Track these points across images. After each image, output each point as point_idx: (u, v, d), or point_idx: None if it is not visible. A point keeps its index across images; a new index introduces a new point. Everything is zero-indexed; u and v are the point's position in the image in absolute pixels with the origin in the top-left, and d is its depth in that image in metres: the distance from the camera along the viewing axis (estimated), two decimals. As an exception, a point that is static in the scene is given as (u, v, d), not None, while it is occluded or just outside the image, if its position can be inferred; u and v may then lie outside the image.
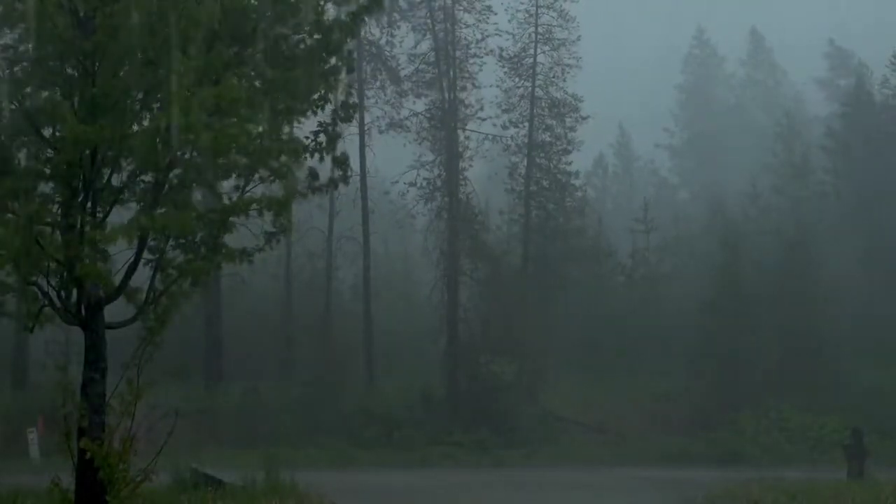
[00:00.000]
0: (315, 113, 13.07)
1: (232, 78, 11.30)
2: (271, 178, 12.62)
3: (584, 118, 43.70)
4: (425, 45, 42.24)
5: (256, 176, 12.67)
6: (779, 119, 57.31)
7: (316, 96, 12.76)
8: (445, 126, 41.64)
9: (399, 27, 41.83)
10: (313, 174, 13.09)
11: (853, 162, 51.08)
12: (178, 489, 18.18)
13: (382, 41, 41.84)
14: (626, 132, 70.19)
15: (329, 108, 13.18)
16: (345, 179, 13.49)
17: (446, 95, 41.81)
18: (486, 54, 42.44)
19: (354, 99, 13.68)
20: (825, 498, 19.91)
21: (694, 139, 70.68)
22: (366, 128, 41.10)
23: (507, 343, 40.42)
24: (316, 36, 12.59)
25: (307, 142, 13.02)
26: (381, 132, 41.77)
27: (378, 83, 41.51)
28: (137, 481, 12.61)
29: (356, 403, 38.63)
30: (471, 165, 42.71)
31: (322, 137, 13.09)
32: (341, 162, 13.34)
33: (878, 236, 46.46)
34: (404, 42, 42.26)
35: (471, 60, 42.25)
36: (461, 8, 42.15)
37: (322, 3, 12.54)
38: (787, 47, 71.47)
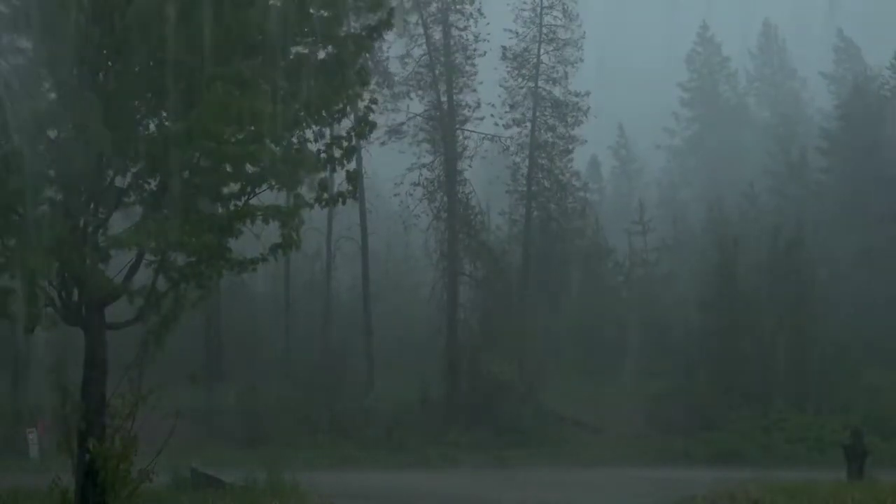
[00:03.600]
0: (330, 127, 13.03)
1: (263, 88, 11.26)
2: (279, 188, 12.58)
3: (586, 112, 43.45)
4: (419, 49, 42.20)
5: (264, 185, 12.62)
6: (782, 117, 57.34)
7: (334, 110, 12.71)
8: (443, 127, 41.60)
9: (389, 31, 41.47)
10: (323, 185, 13.03)
11: (849, 162, 51.10)
12: (179, 489, 18.18)
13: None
14: (626, 133, 70.02)
15: (346, 122, 13.13)
16: (353, 194, 13.43)
17: (443, 97, 41.76)
18: (482, 56, 42.25)
19: (373, 116, 13.55)
20: (824, 498, 19.86)
21: (696, 138, 70.50)
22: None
23: (506, 343, 40.43)
24: (329, 48, 12.54)
25: (320, 154, 12.94)
26: (382, 144, 41.45)
27: (372, 86, 41.38)
28: (137, 481, 12.60)
29: (356, 404, 38.66)
30: (470, 166, 42.68)
31: (335, 151, 13.02)
32: (353, 177, 13.32)
33: (877, 236, 46.46)
34: (393, 47, 42.10)
35: (467, 62, 42.18)
36: (457, 12, 42.02)
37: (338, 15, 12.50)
38: (795, 44, 71.32)
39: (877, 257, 45.94)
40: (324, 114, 12.61)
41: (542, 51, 43.68)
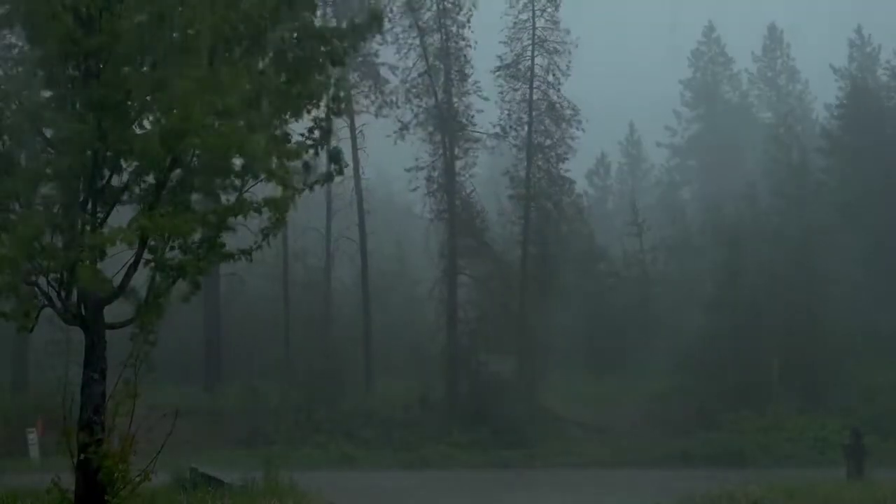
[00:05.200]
0: (309, 112, 13.08)
1: (243, 79, 11.29)
2: (269, 179, 12.62)
3: (579, 122, 43.46)
4: (417, 51, 42.27)
5: (256, 179, 12.68)
6: (783, 119, 57.20)
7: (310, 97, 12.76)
8: (442, 128, 41.64)
9: (386, 38, 41.77)
10: (307, 167, 13.08)
11: (849, 162, 51.10)
12: (178, 489, 18.22)
13: (371, 49, 41.96)
14: (636, 130, 70.00)
15: (322, 104, 13.16)
16: (340, 171, 13.49)
17: (441, 98, 41.78)
18: (473, 59, 42.35)
19: (342, 91, 13.58)
20: (824, 498, 19.94)
21: (697, 137, 70.44)
22: (358, 130, 41.36)
23: (506, 343, 40.44)
24: (322, 48, 12.58)
25: (302, 139, 13.01)
26: (376, 116, 41.44)
27: (366, 90, 41.56)
28: (137, 481, 12.61)
29: (355, 403, 38.69)
30: (474, 164, 42.76)
31: (316, 133, 13.10)
32: (335, 156, 13.37)
33: (877, 236, 46.46)
34: (388, 52, 42.29)
35: (466, 64, 42.25)
36: (451, 20, 42.14)
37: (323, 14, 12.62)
38: (798, 45, 71.21)
39: (877, 257, 45.93)
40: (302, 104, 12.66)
41: (535, 54, 43.69)
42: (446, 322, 40.91)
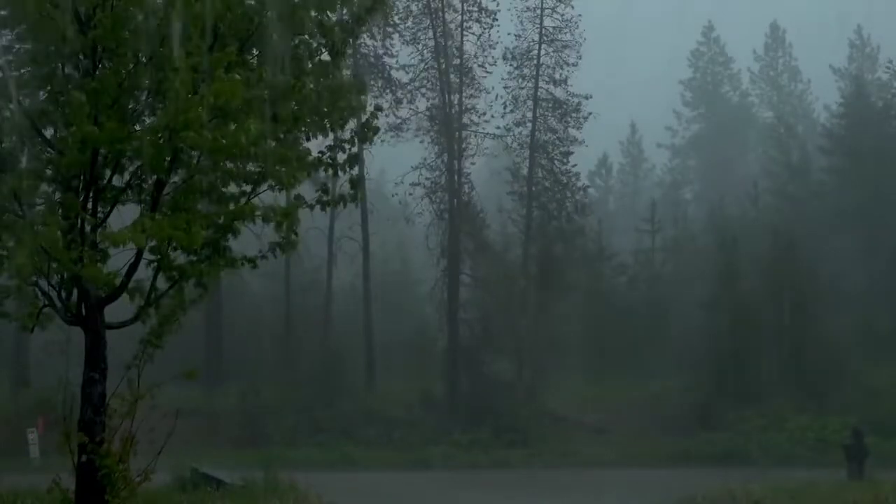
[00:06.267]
0: (334, 130, 12.97)
1: (234, 76, 11.20)
2: (278, 187, 12.54)
3: (586, 116, 43.55)
4: (427, 52, 42.39)
5: (265, 184, 12.59)
6: (785, 118, 57.27)
7: (336, 114, 12.64)
8: (446, 127, 41.72)
9: (394, 37, 41.98)
10: (324, 189, 13.02)
11: (851, 161, 51.13)
12: (179, 489, 18.22)
13: (380, 51, 42.11)
14: (638, 130, 70.06)
15: (349, 127, 13.07)
16: (354, 198, 13.41)
17: (447, 98, 41.88)
18: (492, 64, 42.67)
19: (377, 122, 13.46)
20: (825, 498, 19.93)
21: (697, 137, 70.47)
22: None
23: (507, 343, 40.44)
24: (319, 39, 12.50)
25: (321, 156, 12.91)
26: (382, 141, 41.62)
27: (375, 91, 41.68)
28: (137, 481, 12.58)
29: (356, 403, 38.68)
30: (473, 164, 42.81)
31: (338, 154, 12.99)
32: (356, 183, 13.30)
33: (877, 236, 46.47)
34: (401, 51, 42.45)
35: (473, 62, 42.41)
36: (468, 18, 42.36)
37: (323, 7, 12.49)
38: (804, 45, 71.16)
39: (878, 257, 45.94)
40: (324, 120, 12.55)
41: (542, 52, 43.78)
42: (447, 322, 40.92)
